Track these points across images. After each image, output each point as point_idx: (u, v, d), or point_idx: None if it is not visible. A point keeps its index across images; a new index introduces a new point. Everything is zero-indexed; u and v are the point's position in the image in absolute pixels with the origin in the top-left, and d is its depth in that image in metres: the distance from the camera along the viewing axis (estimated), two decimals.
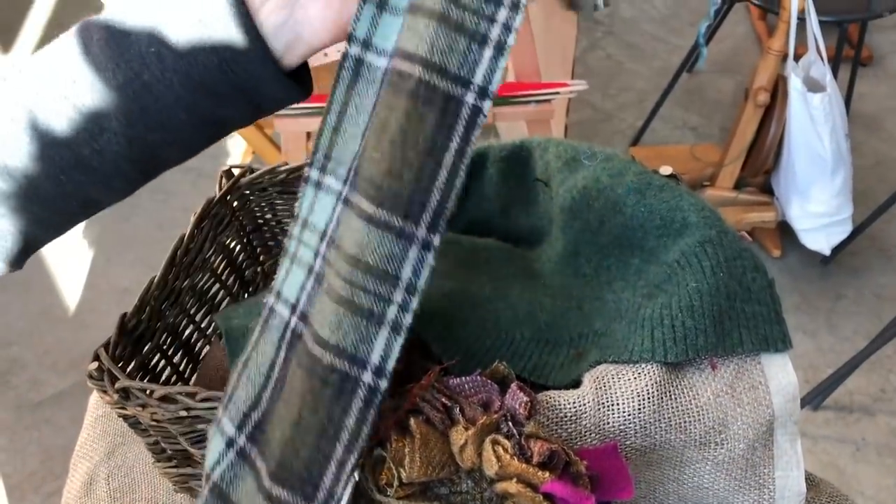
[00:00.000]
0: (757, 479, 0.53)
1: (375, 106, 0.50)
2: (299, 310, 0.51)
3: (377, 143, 0.48)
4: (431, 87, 0.47)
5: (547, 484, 0.45)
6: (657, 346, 0.52)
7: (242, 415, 0.52)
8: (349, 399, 0.47)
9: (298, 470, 0.47)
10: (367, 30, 0.51)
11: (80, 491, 0.75)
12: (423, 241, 0.47)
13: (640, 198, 0.61)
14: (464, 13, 0.47)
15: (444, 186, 0.47)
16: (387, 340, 0.47)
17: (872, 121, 2.49)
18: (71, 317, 1.99)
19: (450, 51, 0.47)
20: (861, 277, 2.06)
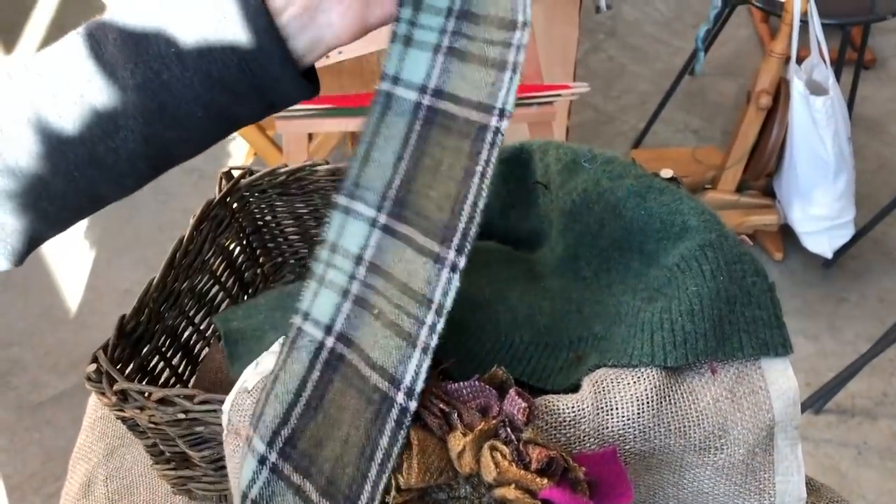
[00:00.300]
0: (757, 484, 0.53)
1: (417, 142, 0.55)
2: (336, 331, 0.53)
3: (432, 181, 0.54)
4: (470, 121, 0.54)
5: (545, 490, 0.45)
6: (657, 350, 0.52)
7: (272, 432, 0.52)
8: (385, 419, 0.49)
9: (344, 487, 0.48)
10: (396, 67, 0.56)
11: (78, 492, 0.75)
12: (451, 264, 0.51)
13: (640, 201, 0.61)
14: (494, 48, 0.54)
15: (470, 209, 0.52)
16: (418, 362, 0.50)
17: (875, 124, 2.49)
18: (72, 318, 1.99)
19: (482, 86, 0.54)
20: (863, 281, 2.06)
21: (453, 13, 0.56)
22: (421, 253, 0.53)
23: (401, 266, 0.54)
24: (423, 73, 0.56)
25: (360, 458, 0.48)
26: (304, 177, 0.78)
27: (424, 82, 0.56)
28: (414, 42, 0.56)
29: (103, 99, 0.49)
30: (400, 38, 0.56)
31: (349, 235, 0.56)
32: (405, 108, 0.56)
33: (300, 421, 0.52)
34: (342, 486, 0.49)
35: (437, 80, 0.56)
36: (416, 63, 0.56)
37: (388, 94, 0.57)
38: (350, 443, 0.49)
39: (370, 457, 0.48)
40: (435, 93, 0.56)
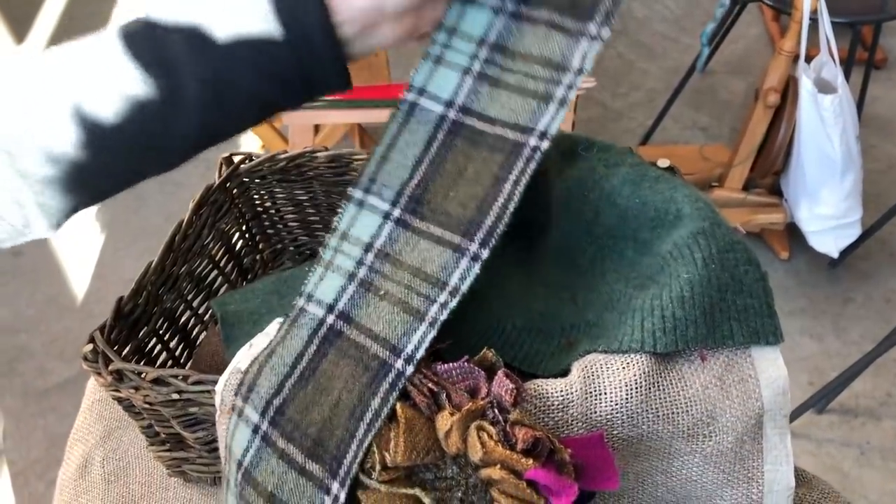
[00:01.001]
0: (746, 472, 0.53)
1: (439, 149, 0.60)
2: (338, 309, 0.55)
3: (453, 184, 0.58)
4: (505, 139, 0.58)
5: (530, 471, 0.45)
6: (647, 336, 0.52)
7: (265, 402, 0.53)
8: (380, 382, 0.50)
9: (331, 448, 0.50)
10: (423, 81, 0.60)
11: (75, 473, 0.75)
12: (473, 254, 0.55)
13: (634, 189, 0.61)
14: (537, 83, 0.58)
15: (499, 210, 0.55)
16: (422, 334, 0.52)
17: (886, 124, 2.47)
18: (78, 306, 2.00)
19: (522, 112, 0.58)
20: (870, 281, 2.05)
21: (486, 43, 0.60)
22: (438, 243, 0.56)
23: (413, 254, 0.56)
24: (451, 90, 0.60)
25: (349, 419, 0.49)
26: (304, 163, 0.79)
27: (451, 98, 0.60)
28: (444, 62, 0.61)
29: (165, 96, 0.51)
30: (431, 58, 0.60)
31: (361, 226, 0.59)
32: (429, 118, 0.60)
33: (291, 391, 0.53)
34: (330, 447, 0.49)
35: (464, 98, 0.60)
36: (445, 80, 0.60)
37: (412, 104, 0.61)
38: (341, 406, 0.50)
39: (360, 417, 0.49)
40: (462, 109, 0.60)
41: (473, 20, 0.61)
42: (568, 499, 0.46)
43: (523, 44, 0.60)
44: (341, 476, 0.49)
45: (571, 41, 0.59)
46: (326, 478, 0.50)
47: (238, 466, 0.54)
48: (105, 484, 0.73)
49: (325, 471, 0.50)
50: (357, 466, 0.49)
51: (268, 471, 0.52)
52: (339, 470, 0.49)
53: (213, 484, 0.72)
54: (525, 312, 0.63)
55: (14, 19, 2.90)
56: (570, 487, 0.46)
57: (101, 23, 3.04)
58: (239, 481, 0.54)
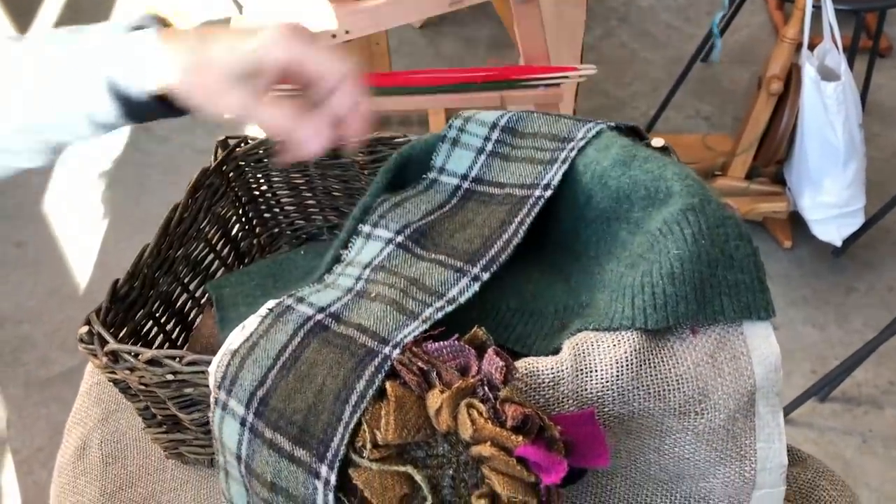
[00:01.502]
0: (738, 450, 0.53)
1: (451, 208, 0.67)
2: (329, 311, 0.57)
3: (460, 229, 0.64)
4: (512, 195, 0.65)
5: (520, 448, 0.45)
6: (637, 313, 0.51)
7: (249, 394, 0.54)
8: (365, 366, 0.50)
9: (317, 432, 0.50)
10: (443, 160, 0.70)
11: (73, 455, 0.76)
12: (474, 276, 0.59)
13: (624, 169, 0.61)
14: (544, 153, 0.67)
15: (503, 244, 0.61)
16: (414, 328, 0.54)
17: (890, 112, 2.46)
18: (81, 296, 2.01)
19: (529, 175, 0.66)
20: (873, 270, 2.04)
21: (498, 127, 0.70)
22: (440, 265, 0.60)
23: (412, 270, 0.60)
24: (466, 166, 0.69)
25: (334, 402, 0.49)
26: None
27: (466, 172, 0.69)
28: (461, 144, 0.70)
29: None
30: (449, 140, 0.71)
31: (365, 253, 0.64)
32: (446, 189, 0.69)
33: (274, 381, 0.53)
34: (316, 432, 0.49)
35: (477, 171, 0.69)
36: (461, 159, 0.70)
37: (433, 180, 0.70)
38: (325, 391, 0.50)
39: (345, 400, 0.49)
40: (475, 180, 0.69)
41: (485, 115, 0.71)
42: (557, 475, 0.46)
43: (532, 126, 0.69)
44: (329, 459, 0.49)
45: (579, 124, 0.67)
46: (314, 462, 0.50)
47: (238, 460, 0.54)
48: (103, 466, 0.74)
49: (312, 455, 0.50)
50: (345, 448, 0.48)
51: (263, 461, 0.52)
52: (327, 453, 0.49)
53: (209, 465, 0.73)
54: (518, 294, 0.63)
55: (16, 11, 2.91)
56: (560, 464, 0.46)
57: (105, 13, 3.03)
58: (243, 473, 0.54)
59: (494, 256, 0.60)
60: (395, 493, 0.48)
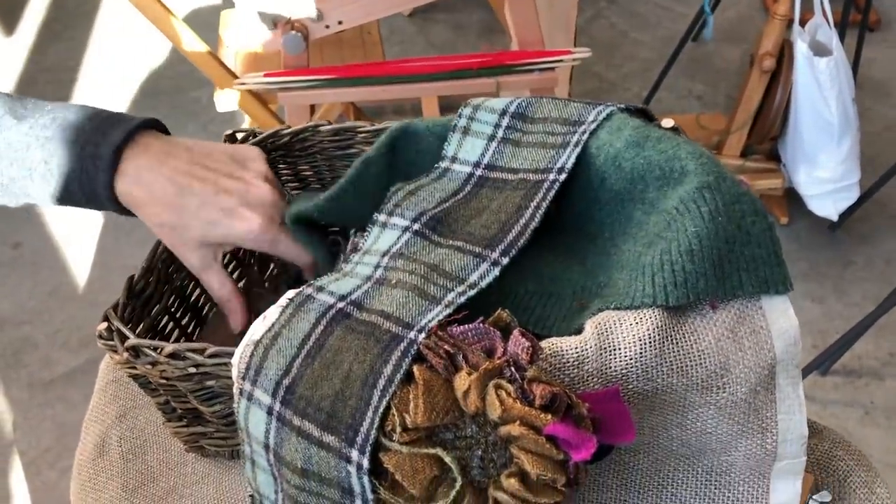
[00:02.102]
0: (760, 422, 0.53)
1: (465, 196, 0.67)
2: (350, 299, 0.57)
3: (476, 215, 0.64)
4: (526, 181, 0.66)
5: (549, 426, 0.46)
6: (658, 290, 0.52)
7: (275, 384, 0.54)
8: (392, 351, 0.51)
9: (346, 418, 0.50)
10: (454, 149, 0.71)
11: (92, 453, 0.76)
12: (494, 260, 0.60)
13: (638, 150, 0.61)
14: (556, 137, 0.67)
15: (521, 228, 0.62)
16: (437, 312, 0.54)
17: (881, 86, 2.47)
18: (80, 295, 2.01)
19: (542, 160, 0.67)
20: (870, 243, 2.06)
21: (508, 114, 0.70)
22: (458, 251, 0.61)
23: (430, 256, 0.61)
24: (478, 154, 0.70)
25: (362, 388, 0.50)
26: (307, 137, 0.79)
27: (479, 160, 0.69)
28: (471, 132, 0.71)
29: None
30: (460, 129, 0.71)
31: (382, 241, 0.64)
32: (459, 177, 0.69)
33: (300, 370, 0.54)
34: (345, 417, 0.50)
35: (489, 158, 0.69)
36: (473, 147, 0.70)
37: (446, 169, 0.71)
38: (352, 377, 0.51)
39: (373, 384, 0.50)
40: (487, 167, 0.69)
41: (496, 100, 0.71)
42: (587, 451, 0.46)
43: (543, 110, 0.70)
44: (359, 443, 0.50)
45: (589, 107, 0.68)
46: (344, 447, 0.50)
47: (266, 449, 0.55)
48: (123, 462, 0.74)
49: (341, 441, 0.50)
50: (375, 432, 0.49)
51: (292, 449, 0.52)
52: (357, 438, 0.50)
53: (230, 458, 0.73)
54: (536, 277, 0.64)
55: (2, 10, 2.89)
56: (590, 440, 0.46)
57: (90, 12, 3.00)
58: (272, 462, 0.55)
59: (513, 241, 0.60)
60: (426, 475, 0.49)
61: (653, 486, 0.57)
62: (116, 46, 2.73)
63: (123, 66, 2.64)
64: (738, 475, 0.56)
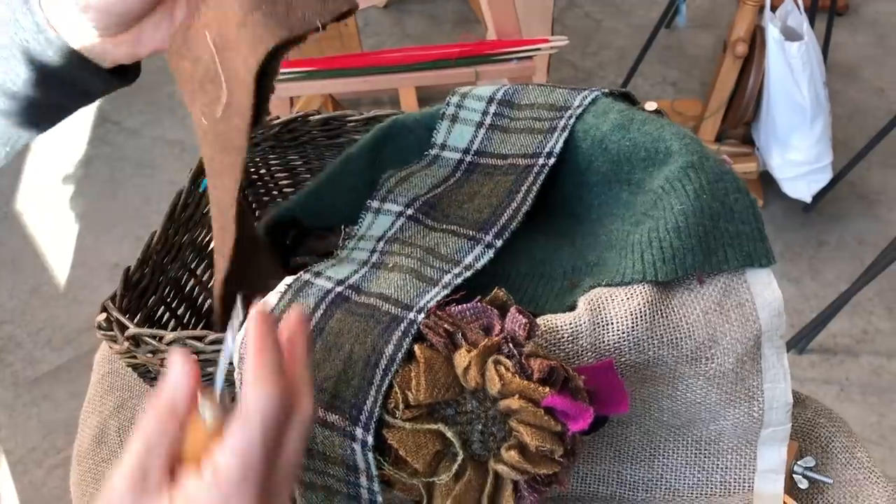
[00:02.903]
0: (747, 391, 0.56)
1: (455, 182, 0.69)
2: (348, 283, 0.59)
3: (468, 200, 0.66)
4: (516, 165, 0.67)
5: (548, 398, 0.47)
6: (647, 267, 0.54)
7: None
8: (392, 332, 0.53)
9: (349, 397, 0.52)
10: (444, 137, 0.72)
11: (91, 444, 0.77)
12: (487, 243, 0.62)
13: (624, 133, 0.63)
14: (543, 122, 0.69)
15: (512, 212, 0.63)
16: (435, 293, 0.57)
17: (849, 70, 2.52)
18: (62, 293, 2.00)
19: (530, 145, 0.68)
20: (842, 224, 2.10)
21: (495, 101, 0.72)
22: (452, 234, 0.62)
23: (426, 240, 0.62)
24: (467, 140, 0.71)
25: (365, 367, 0.52)
26: (297, 128, 0.80)
27: (468, 146, 0.71)
28: (459, 119, 0.72)
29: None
30: (448, 117, 0.72)
31: (376, 227, 0.66)
32: (450, 163, 0.71)
33: None
34: (348, 397, 0.52)
35: (479, 144, 0.71)
36: (461, 134, 0.72)
37: (436, 156, 0.72)
38: (354, 358, 0.52)
39: (375, 364, 0.51)
40: (477, 153, 0.70)
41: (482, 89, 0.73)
42: (585, 422, 0.48)
43: (529, 97, 0.71)
44: (363, 421, 0.51)
45: (574, 93, 0.69)
46: (348, 425, 0.52)
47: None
48: (123, 452, 0.75)
49: (345, 419, 0.52)
50: (379, 410, 0.51)
51: None
52: (360, 416, 0.51)
53: None
54: (527, 259, 0.65)
55: None
56: (587, 411, 0.48)
57: None
58: None
59: (505, 224, 0.62)
60: (429, 450, 0.50)
61: (645, 457, 0.59)
62: None
63: None
64: (726, 443, 0.58)
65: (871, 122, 2.34)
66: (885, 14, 2.73)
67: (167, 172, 2.22)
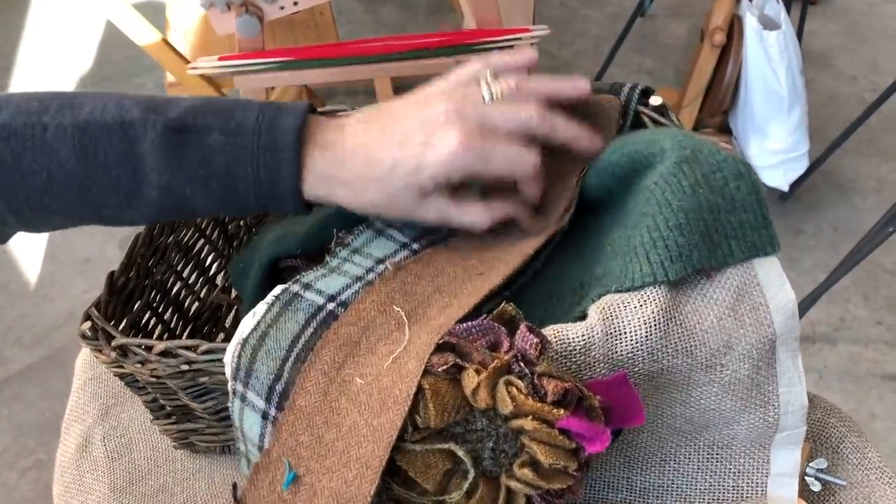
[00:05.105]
0: (762, 397, 0.54)
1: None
2: (340, 300, 0.57)
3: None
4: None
5: (563, 420, 0.46)
6: (656, 268, 0.52)
7: (268, 388, 0.53)
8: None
9: None
10: None
11: (75, 453, 0.74)
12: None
13: (622, 150, 0.61)
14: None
15: (524, 266, 0.62)
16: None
17: (823, 58, 2.53)
18: (32, 291, 1.95)
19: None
20: (818, 212, 2.11)
21: None
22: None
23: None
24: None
25: None
26: None
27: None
28: None
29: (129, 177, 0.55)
30: None
31: (376, 246, 0.64)
32: None
33: (290, 374, 0.53)
34: None
35: None
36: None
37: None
38: None
39: None
40: None
41: None
42: (602, 444, 0.46)
43: None
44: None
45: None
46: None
47: (261, 451, 0.54)
48: (108, 461, 0.72)
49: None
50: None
51: None
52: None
53: (221, 453, 0.72)
54: (538, 281, 0.64)
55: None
56: (604, 433, 0.46)
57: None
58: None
59: (514, 276, 0.61)
60: (439, 470, 0.48)
61: (656, 463, 0.58)
62: (54, 30, 2.64)
63: (63, 51, 2.55)
64: (739, 447, 0.57)
65: (844, 110, 2.36)
66: (856, 2, 2.75)
67: None
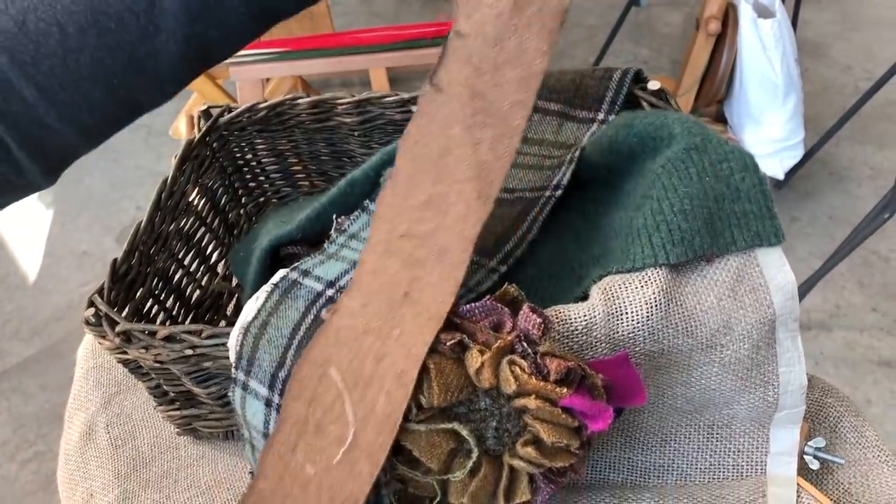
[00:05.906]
0: (762, 377, 0.55)
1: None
2: (339, 286, 0.57)
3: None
4: (522, 198, 0.67)
5: (566, 399, 0.46)
6: (658, 250, 0.53)
7: (270, 376, 0.54)
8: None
9: None
10: None
11: (79, 441, 0.74)
12: (491, 268, 0.62)
13: (629, 130, 0.62)
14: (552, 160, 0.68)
15: (518, 239, 0.64)
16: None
17: (817, 47, 2.53)
18: (30, 284, 1.95)
19: (538, 179, 0.67)
20: (813, 200, 2.12)
21: None
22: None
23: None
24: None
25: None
26: (285, 111, 0.77)
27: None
28: None
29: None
30: None
31: None
32: None
33: (293, 361, 0.53)
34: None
35: None
36: None
37: None
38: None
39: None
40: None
41: None
42: (605, 422, 0.47)
43: (539, 131, 0.69)
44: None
45: (583, 127, 0.68)
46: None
47: (265, 437, 0.54)
48: (113, 448, 0.73)
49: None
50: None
51: None
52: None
53: (224, 439, 0.72)
54: (534, 262, 0.64)
55: None
56: (606, 411, 0.47)
57: None
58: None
59: (510, 251, 0.62)
60: (443, 449, 0.49)
61: (656, 442, 0.59)
62: None
63: None
64: (738, 427, 0.58)
65: (839, 98, 2.36)
66: None
67: (133, 157, 2.17)
